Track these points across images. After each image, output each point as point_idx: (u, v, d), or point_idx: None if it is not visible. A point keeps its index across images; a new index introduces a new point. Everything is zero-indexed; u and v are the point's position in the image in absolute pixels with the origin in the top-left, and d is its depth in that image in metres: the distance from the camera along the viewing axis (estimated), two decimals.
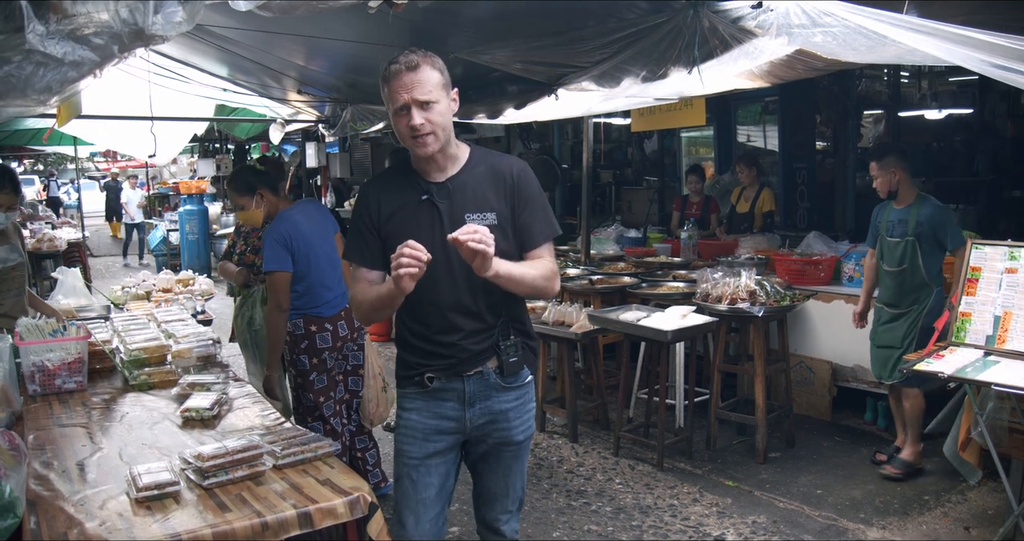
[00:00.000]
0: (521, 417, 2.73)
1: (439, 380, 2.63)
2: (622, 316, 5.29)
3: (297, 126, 9.61)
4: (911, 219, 4.89)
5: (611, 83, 4.75)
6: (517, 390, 2.71)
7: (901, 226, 4.94)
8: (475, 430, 2.68)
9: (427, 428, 2.67)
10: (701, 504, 4.71)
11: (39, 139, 12.61)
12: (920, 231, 4.84)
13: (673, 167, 11.49)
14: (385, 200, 2.62)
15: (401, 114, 2.46)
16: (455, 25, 4.55)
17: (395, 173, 2.70)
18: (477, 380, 2.63)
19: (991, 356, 3.94)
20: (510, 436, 2.71)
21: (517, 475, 2.81)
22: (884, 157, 4.96)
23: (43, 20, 2.21)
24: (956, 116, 10.62)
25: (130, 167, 28.14)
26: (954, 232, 4.81)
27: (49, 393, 3.49)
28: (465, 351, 2.60)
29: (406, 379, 2.71)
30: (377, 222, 2.61)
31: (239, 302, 4.92)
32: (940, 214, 4.85)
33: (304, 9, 2.59)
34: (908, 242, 4.88)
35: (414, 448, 2.68)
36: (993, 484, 4.67)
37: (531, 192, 2.66)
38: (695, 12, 3.73)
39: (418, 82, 2.42)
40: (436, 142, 2.49)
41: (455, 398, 2.64)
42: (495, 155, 2.74)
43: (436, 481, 2.69)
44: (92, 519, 2.23)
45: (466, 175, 2.61)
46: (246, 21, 4.41)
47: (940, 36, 3.00)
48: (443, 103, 2.50)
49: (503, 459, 2.75)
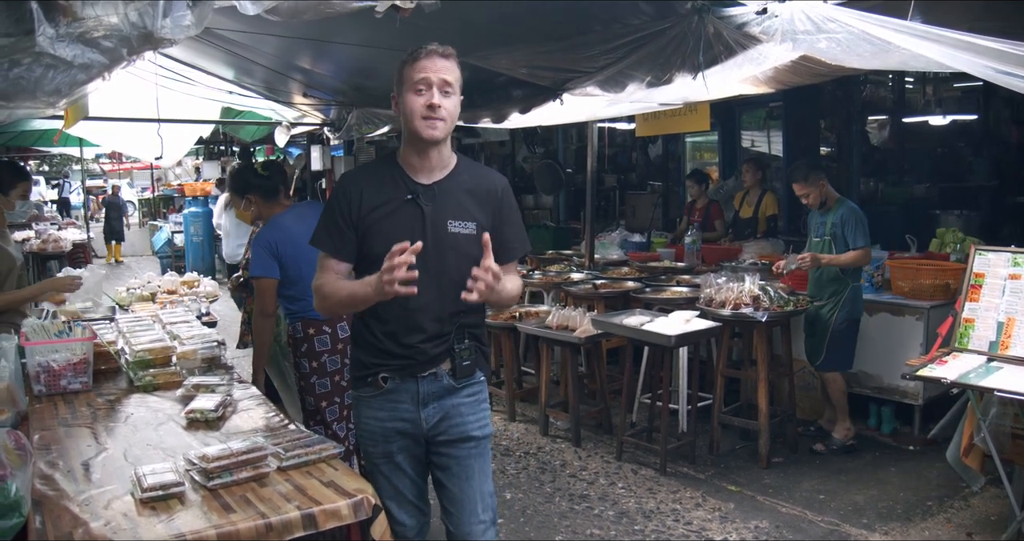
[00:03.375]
0: (476, 413, 2.76)
1: (393, 380, 2.67)
2: (626, 320, 5.30)
3: (302, 129, 9.64)
4: (828, 221, 5.42)
5: (616, 88, 4.76)
6: (469, 387, 2.75)
7: (821, 228, 5.49)
8: (431, 429, 2.70)
9: (385, 430, 2.71)
10: (704, 509, 4.71)
11: (45, 140, 12.65)
12: (835, 231, 5.36)
13: (677, 172, 11.50)
14: (368, 194, 2.60)
15: (421, 92, 2.48)
16: (461, 30, 4.57)
17: (380, 167, 2.69)
18: (431, 381, 2.67)
19: (994, 362, 3.94)
20: (467, 431, 2.73)
21: (481, 477, 2.78)
22: (807, 176, 5.40)
23: (53, 23, 2.23)
24: (961, 122, 10.62)
25: (135, 169, 28.25)
26: (860, 232, 5.26)
27: (54, 393, 3.50)
28: (423, 353, 2.64)
29: (360, 380, 2.74)
30: (357, 215, 2.60)
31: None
32: (850, 215, 5.31)
33: (311, 13, 2.61)
34: (825, 241, 5.42)
35: (376, 449, 2.75)
36: (996, 490, 4.67)
37: (512, 209, 2.77)
38: (700, 18, 3.75)
39: (447, 67, 2.51)
40: (445, 129, 2.53)
41: (409, 399, 2.67)
42: (480, 168, 2.82)
43: (408, 471, 2.77)
44: (97, 519, 2.24)
45: (452, 182, 2.64)
46: (253, 24, 4.43)
47: (944, 42, 3.01)
48: (457, 98, 2.57)
49: (462, 459, 2.74)
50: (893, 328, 5.62)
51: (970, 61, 3.01)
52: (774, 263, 5.64)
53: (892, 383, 5.57)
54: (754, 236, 7.58)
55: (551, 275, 7.17)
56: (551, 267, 7.61)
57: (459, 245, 2.59)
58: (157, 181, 23.42)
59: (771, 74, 4.06)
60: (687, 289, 6.16)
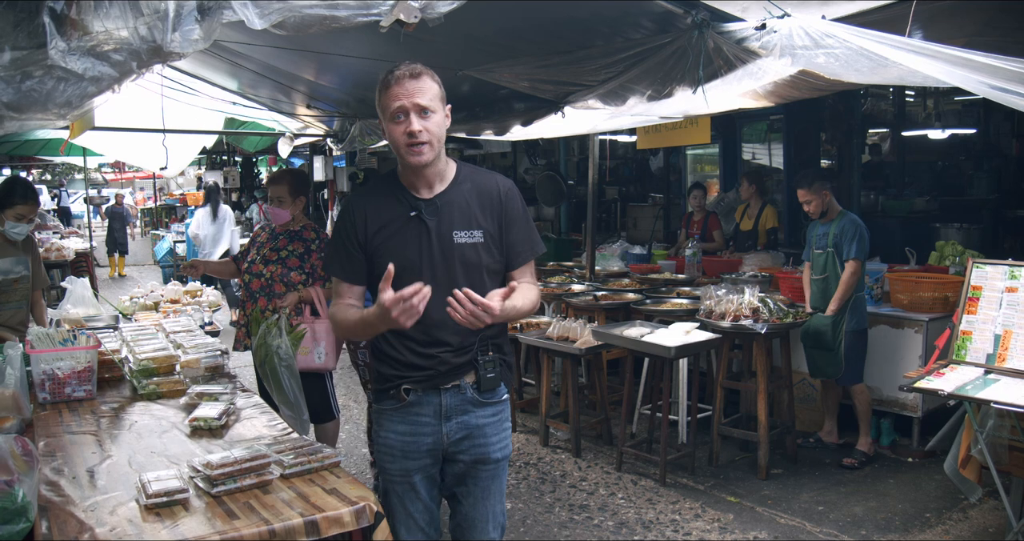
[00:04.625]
0: (499, 434, 2.73)
1: (416, 393, 2.63)
2: (626, 332, 5.33)
3: (305, 140, 9.69)
4: (831, 232, 5.46)
5: (617, 101, 4.81)
6: (494, 406, 2.71)
7: (824, 239, 5.52)
8: (452, 446, 2.66)
9: (405, 445, 2.67)
10: (703, 519, 4.73)
11: (48, 149, 12.74)
12: (836, 242, 5.41)
13: (679, 184, 11.54)
14: (372, 215, 2.61)
15: (399, 120, 2.46)
16: (465, 44, 4.62)
17: (382, 187, 2.68)
18: (454, 394, 2.64)
19: (991, 374, 3.97)
20: (487, 453, 2.70)
21: (496, 498, 2.77)
22: (812, 183, 5.43)
23: (65, 37, 2.27)
24: (961, 135, 10.67)
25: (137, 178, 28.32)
26: (855, 246, 5.29)
27: (59, 401, 3.53)
28: (445, 364, 2.61)
29: (382, 393, 2.72)
30: (364, 238, 2.60)
31: (261, 331, 4.43)
32: (849, 227, 5.37)
33: (317, 27, 2.64)
34: (828, 253, 5.46)
35: (394, 466, 2.70)
36: (994, 502, 4.69)
37: (517, 211, 2.69)
38: (700, 33, 3.78)
39: (419, 89, 2.44)
40: (431, 152, 2.49)
41: (432, 412, 2.64)
42: (482, 173, 2.76)
43: (422, 494, 2.72)
44: (102, 525, 2.26)
45: (454, 192, 2.62)
46: (258, 37, 4.47)
47: (941, 58, 3.05)
48: (440, 114, 2.51)
49: (480, 480, 2.72)
50: (892, 340, 5.64)
51: (965, 77, 3.05)
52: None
53: (891, 395, 5.59)
54: (754, 248, 7.62)
55: (552, 287, 7.20)
56: (552, 279, 7.65)
57: (466, 256, 2.58)
58: (159, 191, 23.49)
59: (770, 88, 4.09)
60: (687, 301, 6.19)
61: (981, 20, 3.65)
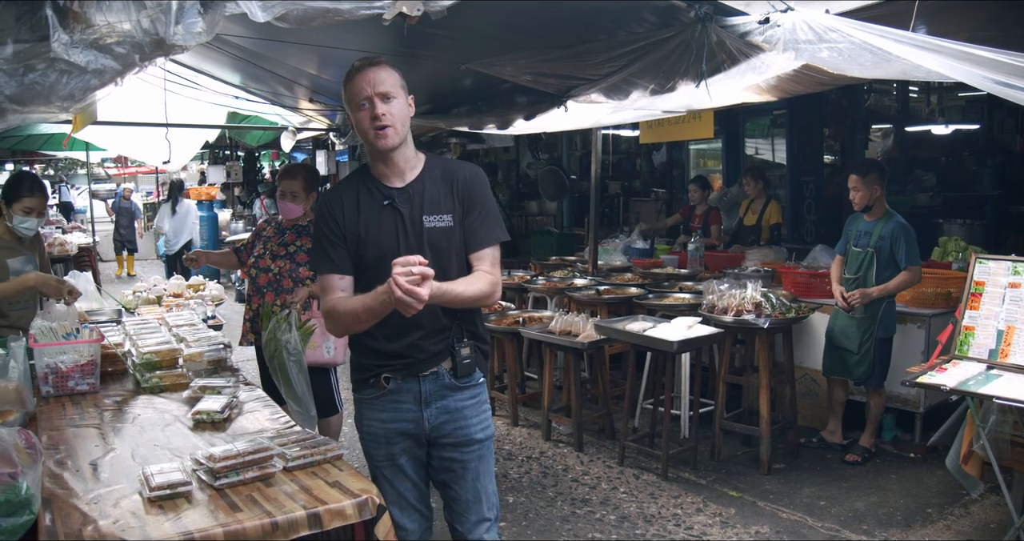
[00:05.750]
0: (479, 415, 2.82)
1: (395, 380, 2.72)
2: (628, 326, 5.33)
3: (308, 134, 9.69)
4: (875, 232, 5.26)
5: (620, 95, 4.81)
6: (471, 389, 2.80)
7: (866, 238, 5.31)
8: (434, 430, 2.75)
9: (388, 432, 2.76)
10: (705, 514, 4.74)
11: (51, 144, 12.72)
12: (880, 244, 5.21)
13: (681, 179, 11.54)
14: (348, 206, 2.70)
15: (364, 108, 2.57)
16: (468, 37, 4.61)
17: (354, 181, 2.79)
18: (432, 380, 2.73)
19: (993, 370, 3.96)
20: (470, 434, 2.78)
21: (486, 478, 2.85)
22: (868, 173, 5.26)
23: (67, 30, 2.28)
24: (964, 131, 10.64)
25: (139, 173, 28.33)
26: (910, 251, 5.13)
27: (62, 394, 3.54)
28: (423, 351, 2.69)
29: (361, 382, 2.80)
30: (343, 228, 2.68)
31: (271, 326, 4.40)
32: (901, 231, 5.17)
33: (320, 20, 2.65)
34: (868, 253, 5.27)
35: (379, 451, 2.81)
36: (995, 497, 4.68)
37: (480, 196, 2.75)
38: (703, 27, 3.78)
39: (380, 79, 2.56)
40: (396, 135, 2.59)
41: (411, 399, 2.72)
42: (450, 161, 2.87)
43: (410, 473, 2.82)
44: (106, 517, 2.27)
45: (423, 180, 2.71)
46: (261, 30, 4.48)
47: (944, 53, 3.05)
48: (402, 100, 2.62)
49: (468, 462, 2.80)
50: (895, 336, 5.63)
51: (969, 72, 3.05)
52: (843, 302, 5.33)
53: (893, 391, 5.58)
54: (757, 243, 7.62)
55: (555, 281, 7.21)
56: (555, 273, 7.66)
57: (435, 239, 2.66)
58: (163, 185, 23.46)
59: (773, 82, 4.09)
60: (690, 295, 6.19)
61: (984, 15, 3.64)
